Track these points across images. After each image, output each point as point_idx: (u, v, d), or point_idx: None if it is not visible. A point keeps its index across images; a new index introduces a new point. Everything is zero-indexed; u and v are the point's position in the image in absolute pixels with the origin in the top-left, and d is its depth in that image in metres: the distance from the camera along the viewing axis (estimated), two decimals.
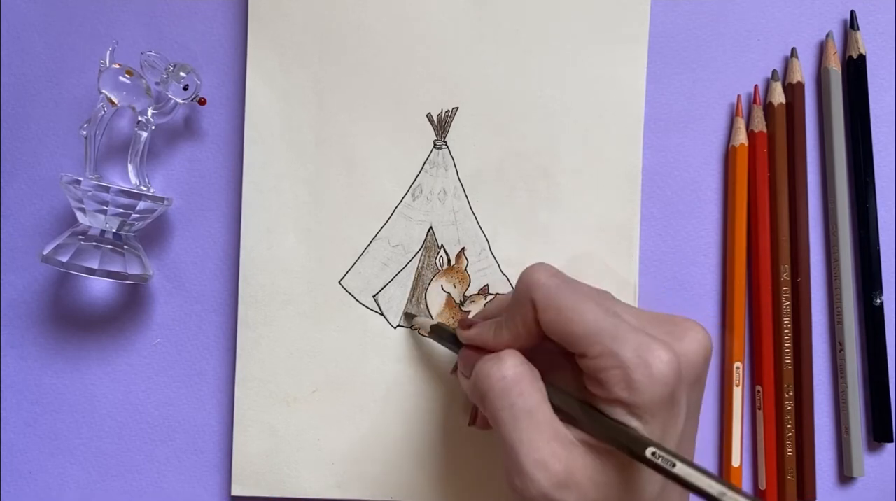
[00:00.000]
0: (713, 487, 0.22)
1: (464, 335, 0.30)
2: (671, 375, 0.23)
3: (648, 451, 0.23)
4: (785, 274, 0.36)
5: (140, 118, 0.34)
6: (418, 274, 0.36)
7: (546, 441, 0.24)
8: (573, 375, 0.26)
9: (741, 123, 0.37)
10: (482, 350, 0.28)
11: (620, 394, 0.23)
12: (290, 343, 0.36)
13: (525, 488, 0.24)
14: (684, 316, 0.27)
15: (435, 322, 0.34)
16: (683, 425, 0.25)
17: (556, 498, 0.24)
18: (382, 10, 0.36)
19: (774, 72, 0.37)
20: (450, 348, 0.32)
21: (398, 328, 0.36)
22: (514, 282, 0.36)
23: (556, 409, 0.26)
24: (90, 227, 0.33)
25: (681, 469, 0.22)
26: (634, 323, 0.25)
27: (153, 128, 0.35)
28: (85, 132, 0.34)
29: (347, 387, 0.36)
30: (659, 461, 0.23)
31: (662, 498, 0.25)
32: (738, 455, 0.36)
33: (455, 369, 0.32)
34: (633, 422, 0.24)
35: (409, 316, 0.36)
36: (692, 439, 0.28)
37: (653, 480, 0.25)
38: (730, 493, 0.21)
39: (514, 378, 0.26)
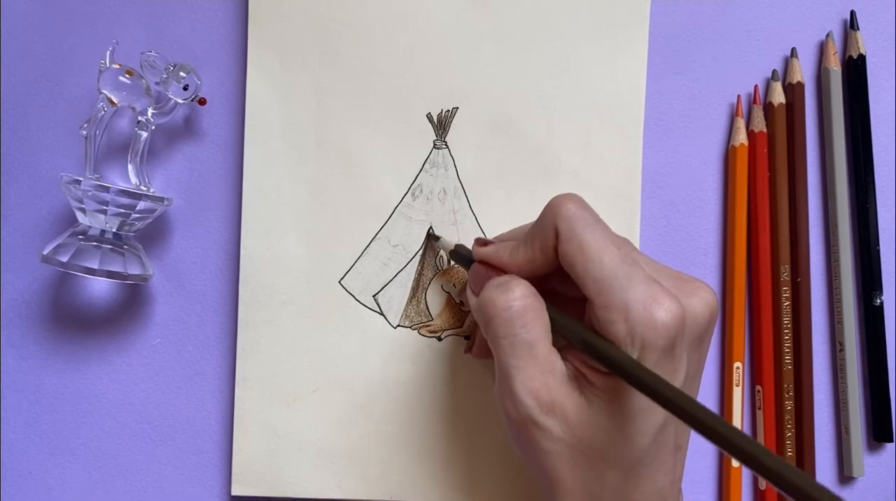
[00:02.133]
0: (710, 417, 0.21)
1: (478, 251, 0.30)
2: (674, 326, 0.23)
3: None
4: (785, 274, 0.36)
5: (140, 118, 0.34)
6: (418, 274, 0.36)
7: (540, 373, 0.25)
8: (577, 317, 0.27)
9: (741, 123, 0.37)
10: (494, 269, 0.29)
11: (623, 342, 0.24)
12: (290, 343, 0.36)
13: (515, 410, 0.25)
14: (695, 276, 0.27)
15: (458, 242, 0.34)
16: (682, 384, 0.25)
17: (540, 422, 0.25)
18: (382, 10, 0.36)
19: (774, 72, 0.37)
20: (467, 269, 0.32)
21: (398, 328, 0.36)
22: None
23: (559, 335, 0.26)
24: (90, 227, 0.33)
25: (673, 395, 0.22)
26: (649, 273, 0.25)
27: (153, 128, 0.35)
28: (85, 132, 0.34)
29: (347, 387, 0.36)
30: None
31: (653, 451, 0.25)
32: None
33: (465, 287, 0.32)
34: None
35: (434, 237, 0.36)
36: None
37: (643, 431, 0.25)
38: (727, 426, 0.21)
39: (519, 309, 0.26)
